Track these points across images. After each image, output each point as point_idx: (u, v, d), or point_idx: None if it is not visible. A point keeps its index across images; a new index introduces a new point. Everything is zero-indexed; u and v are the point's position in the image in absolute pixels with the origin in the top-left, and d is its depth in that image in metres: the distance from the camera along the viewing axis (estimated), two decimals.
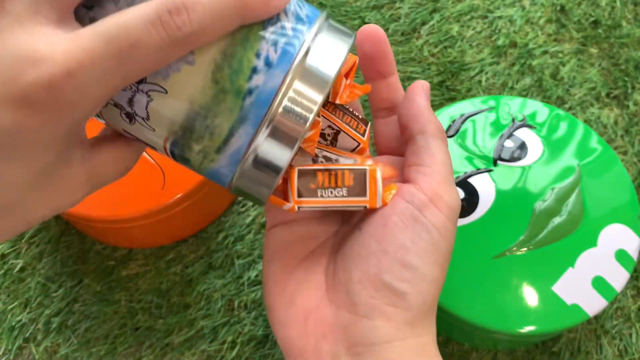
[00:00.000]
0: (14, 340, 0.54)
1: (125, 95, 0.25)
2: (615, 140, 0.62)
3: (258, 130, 0.25)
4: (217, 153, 0.26)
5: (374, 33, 0.34)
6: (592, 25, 0.70)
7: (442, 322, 0.49)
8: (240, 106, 0.24)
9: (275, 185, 0.26)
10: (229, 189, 0.28)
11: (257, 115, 0.24)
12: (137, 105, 0.25)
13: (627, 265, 0.46)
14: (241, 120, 0.25)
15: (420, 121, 0.33)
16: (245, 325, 0.54)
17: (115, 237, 0.56)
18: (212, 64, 0.24)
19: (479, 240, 0.47)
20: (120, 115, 0.26)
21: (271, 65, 0.24)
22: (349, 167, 0.33)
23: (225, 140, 0.25)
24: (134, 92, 0.25)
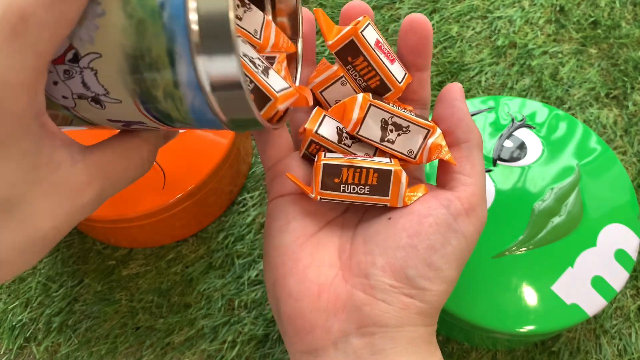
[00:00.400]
0: (15, 339, 0.54)
1: (77, 81, 0.24)
2: (614, 140, 0.63)
3: (190, 36, 0.23)
4: (176, 87, 0.24)
5: (423, 26, 0.35)
6: (592, 25, 0.70)
7: (442, 322, 0.50)
8: (162, 25, 0.23)
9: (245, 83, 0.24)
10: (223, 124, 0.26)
11: (180, 22, 0.23)
12: (91, 84, 0.24)
13: (627, 265, 0.46)
14: (171, 38, 0.23)
15: (464, 128, 0.34)
16: (246, 325, 0.54)
17: (116, 237, 0.56)
18: (119, 3, 0.23)
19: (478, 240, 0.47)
20: (90, 104, 0.25)
21: None
22: (375, 166, 0.33)
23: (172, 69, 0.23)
24: (80, 73, 0.24)
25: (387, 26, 0.70)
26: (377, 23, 0.70)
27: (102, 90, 0.24)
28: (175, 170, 0.52)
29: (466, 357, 0.53)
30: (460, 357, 0.53)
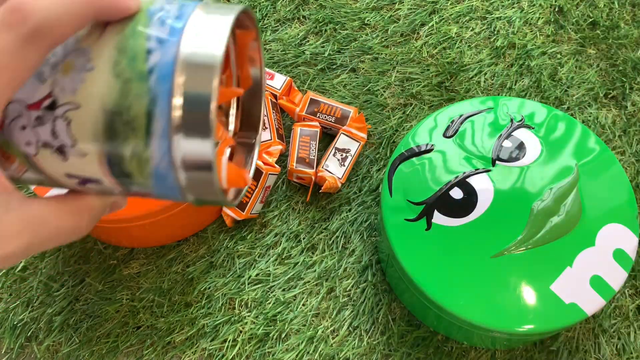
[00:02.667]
0: (16, 339, 0.55)
1: (46, 129, 0.25)
2: (613, 140, 0.63)
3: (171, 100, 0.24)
4: (146, 148, 0.25)
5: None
6: (590, 26, 0.70)
7: (441, 321, 0.50)
8: (147, 88, 0.24)
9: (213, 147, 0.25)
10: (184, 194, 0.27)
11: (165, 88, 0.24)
12: (60, 134, 0.25)
13: (625, 265, 0.46)
14: (153, 100, 0.24)
15: None
16: (246, 324, 0.54)
17: (117, 237, 0.57)
18: (110, 62, 0.24)
19: (477, 240, 0.47)
20: (53, 154, 0.26)
21: (163, 41, 0.25)
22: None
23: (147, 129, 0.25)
24: (53, 121, 0.25)
25: (387, 27, 0.70)
26: (377, 24, 0.70)
27: (70, 142, 0.25)
28: None
29: (465, 356, 0.53)
30: (460, 356, 0.53)
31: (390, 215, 0.49)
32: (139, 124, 0.24)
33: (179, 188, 0.26)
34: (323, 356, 0.53)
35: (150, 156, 0.25)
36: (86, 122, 0.25)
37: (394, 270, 0.51)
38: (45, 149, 0.25)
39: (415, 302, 0.51)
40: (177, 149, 0.25)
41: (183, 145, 0.25)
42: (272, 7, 0.70)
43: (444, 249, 0.47)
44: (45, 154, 0.26)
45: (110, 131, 0.25)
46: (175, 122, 0.24)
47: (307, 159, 0.59)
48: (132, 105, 0.24)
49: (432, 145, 0.51)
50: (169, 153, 0.25)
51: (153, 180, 0.26)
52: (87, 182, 0.27)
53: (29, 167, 0.27)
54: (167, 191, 0.27)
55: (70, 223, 0.28)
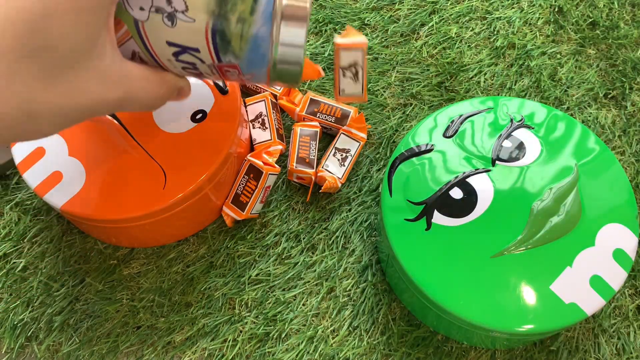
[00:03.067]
0: (16, 339, 0.55)
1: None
2: (613, 140, 0.63)
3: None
4: (252, 14, 0.29)
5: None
6: (590, 26, 0.70)
7: (441, 321, 0.50)
8: None
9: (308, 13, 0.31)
10: (271, 61, 0.31)
11: None
12: (175, 0, 0.28)
13: (625, 265, 0.46)
14: None
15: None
16: (246, 324, 0.55)
17: (117, 237, 0.57)
18: None
19: (477, 240, 0.47)
20: (163, 21, 0.29)
21: None
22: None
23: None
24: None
25: (387, 27, 0.70)
26: (377, 24, 0.70)
27: (183, 7, 0.29)
28: (176, 170, 0.52)
29: (465, 356, 0.53)
30: (460, 356, 0.53)
31: (390, 215, 0.49)
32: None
33: (268, 54, 0.31)
34: (323, 356, 0.53)
35: (254, 20, 0.29)
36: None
37: (393, 270, 0.51)
38: (157, 14, 0.29)
39: (415, 302, 0.51)
40: (278, 12, 0.29)
41: (284, 7, 0.29)
42: None
43: (443, 249, 0.47)
44: (155, 19, 0.29)
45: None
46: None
47: (307, 159, 0.59)
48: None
49: (432, 145, 0.51)
50: (271, 17, 0.29)
51: (249, 45, 0.30)
52: (185, 51, 0.31)
53: (134, 34, 0.30)
54: (256, 60, 0.31)
55: (154, 88, 0.33)
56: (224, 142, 0.53)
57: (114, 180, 0.52)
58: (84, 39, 0.27)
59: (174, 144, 0.53)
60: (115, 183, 0.52)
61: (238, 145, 0.56)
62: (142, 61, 0.32)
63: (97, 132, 0.54)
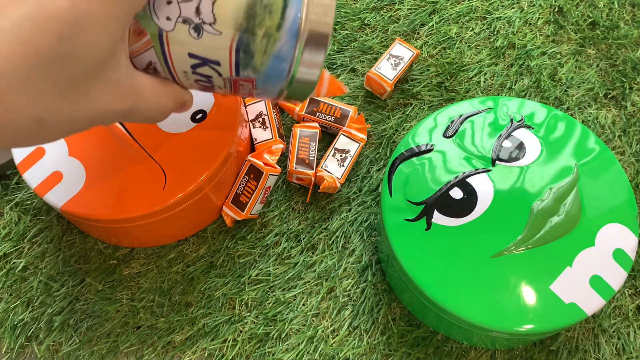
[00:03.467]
0: (17, 338, 0.55)
1: (191, 6, 0.29)
2: (612, 140, 0.63)
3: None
4: (278, 30, 0.30)
5: None
6: (590, 26, 0.70)
7: (441, 321, 0.50)
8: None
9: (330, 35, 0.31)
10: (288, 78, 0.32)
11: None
12: (204, 11, 0.29)
13: (625, 265, 0.46)
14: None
15: None
16: (246, 324, 0.55)
17: (117, 237, 0.57)
18: None
19: (477, 240, 0.47)
20: (189, 32, 0.29)
21: None
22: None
23: (282, 14, 0.30)
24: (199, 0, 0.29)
25: (387, 27, 0.70)
26: (377, 24, 0.70)
27: (211, 19, 0.29)
28: (175, 170, 0.52)
29: (465, 356, 0.53)
30: (459, 356, 0.53)
31: (390, 215, 0.49)
32: (276, 8, 0.30)
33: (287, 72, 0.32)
34: (323, 356, 0.53)
35: (280, 36, 0.30)
36: (230, 3, 0.29)
37: (394, 270, 0.51)
38: (184, 24, 0.29)
39: (415, 302, 0.51)
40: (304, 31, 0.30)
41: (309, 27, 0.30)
42: None
43: (443, 249, 0.47)
44: (181, 30, 0.30)
45: (249, 12, 0.29)
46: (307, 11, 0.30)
47: (307, 160, 0.59)
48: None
49: (432, 145, 0.51)
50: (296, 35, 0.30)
51: (271, 61, 0.31)
52: (204, 64, 0.32)
53: (155, 44, 0.31)
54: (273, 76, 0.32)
55: (161, 102, 0.33)
56: (224, 142, 0.53)
57: (114, 180, 0.52)
58: (106, 48, 0.27)
59: (174, 144, 0.53)
60: (115, 183, 0.52)
61: (238, 145, 0.56)
62: (155, 71, 0.32)
63: (97, 132, 0.54)
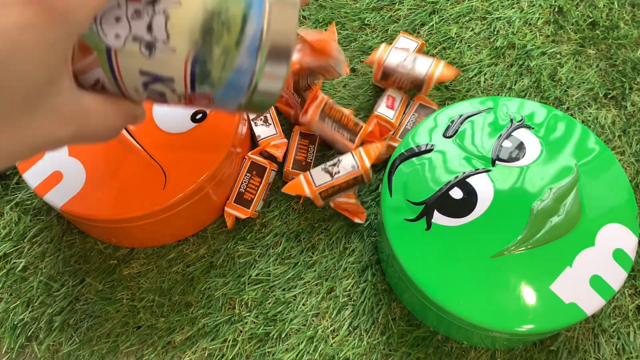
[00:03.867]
0: (17, 338, 0.55)
1: (143, 23, 0.27)
2: (612, 140, 0.63)
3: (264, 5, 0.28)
4: (237, 46, 0.28)
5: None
6: (590, 26, 0.70)
7: (441, 321, 0.50)
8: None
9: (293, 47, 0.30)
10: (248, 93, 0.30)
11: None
12: (157, 28, 0.27)
13: (625, 265, 0.46)
14: (249, 5, 0.28)
15: None
16: (246, 324, 0.55)
17: (117, 237, 0.57)
18: None
19: (477, 240, 0.47)
20: (140, 50, 0.28)
21: None
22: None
23: (241, 30, 0.28)
24: (151, 16, 0.27)
25: (387, 27, 0.70)
26: (377, 24, 0.70)
27: (164, 36, 0.27)
28: (176, 170, 0.52)
29: (465, 356, 0.53)
30: (459, 356, 0.53)
31: (390, 215, 0.49)
32: (235, 24, 0.28)
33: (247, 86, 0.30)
34: (323, 356, 0.53)
35: (239, 53, 0.29)
36: (185, 19, 0.27)
37: (394, 270, 0.51)
38: (134, 42, 0.27)
39: (415, 302, 0.52)
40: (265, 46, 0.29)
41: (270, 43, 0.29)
42: None
43: (443, 249, 0.47)
44: (131, 47, 0.28)
45: (206, 29, 0.28)
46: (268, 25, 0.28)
47: (304, 162, 0.59)
48: (230, 8, 0.28)
49: (432, 146, 0.51)
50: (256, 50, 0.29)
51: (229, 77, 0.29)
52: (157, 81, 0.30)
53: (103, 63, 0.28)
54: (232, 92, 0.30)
55: (108, 122, 0.30)
56: (224, 141, 0.53)
57: (114, 180, 0.52)
58: (42, 77, 0.25)
59: (174, 144, 0.53)
60: (115, 183, 0.52)
61: (238, 145, 0.56)
62: (103, 89, 0.30)
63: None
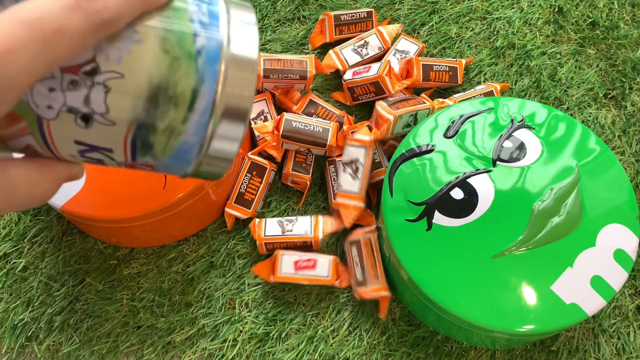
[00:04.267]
0: (17, 338, 0.55)
1: (79, 95, 0.25)
2: (613, 140, 0.63)
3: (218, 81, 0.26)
4: (184, 123, 0.26)
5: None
6: (590, 26, 0.70)
7: (442, 321, 0.50)
8: (195, 68, 0.25)
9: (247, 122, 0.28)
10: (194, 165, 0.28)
11: (212, 70, 0.26)
12: (95, 101, 0.25)
13: (626, 265, 0.46)
14: (200, 80, 0.26)
15: None
16: (246, 324, 0.54)
17: (117, 237, 0.57)
18: (157, 37, 0.25)
19: (478, 240, 0.47)
20: (75, 121, 0.25)
21: (206, 25, 0.26)
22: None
23: (190, 106, 0.26)
24: (90, 87, 0.24)
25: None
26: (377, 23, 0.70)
27: (103, 109, 0.25)
28: None
29: (465, 356, 0.53)
30: (459, 356, 0.53)
31: (391, 215, 0.49)
32: (183, 99, 0.26)
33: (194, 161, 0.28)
34: (323, 356, 0.53)
35: (185, 130, 0.26)
36: (128, 92, 0.25)
37: (394, 270, 0.51)
38: (69, 114, 0.25)
39: (415, 302, 0.52)
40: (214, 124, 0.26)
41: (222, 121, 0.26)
42: (272, 7, 0.70)
43: (444, 249, 0.47)
44: (65, 119, 0.25)
45: (151, 103, 0.25)
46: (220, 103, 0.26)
47: (304, 164, 0.59)
48: (180, 82, 0.25)
49: (433, 146, 0.51)
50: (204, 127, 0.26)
51: (174, 152, 0.27)
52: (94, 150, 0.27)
53: (34, 131, 0.26)
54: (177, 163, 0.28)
55: (40, 189, 0.28)
56: None
57: (114, 180, 0.52)
58: None
59: None
60: (115, 183, 0.52)
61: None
62: (35, 152, 0.28)
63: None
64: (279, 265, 0.54)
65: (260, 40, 0.68)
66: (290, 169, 0.58)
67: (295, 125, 0.56)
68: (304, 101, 0.61)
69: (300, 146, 0.57)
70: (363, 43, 0.64)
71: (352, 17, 0.66)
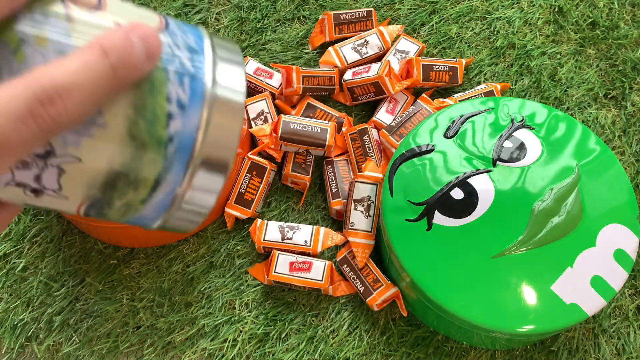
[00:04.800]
0: (17, 339, 0.55)
1: (29, 173, 0.22)
2: (613, 140, 0.63)
3: (186, 174, 0.24)
4: (142, 204, 0.24)
5: None
6: (590, 26, 0.70)
7: (441, 321, 0.50)
8: (164, 156, 0.23)
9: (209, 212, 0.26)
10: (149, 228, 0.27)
11: (182, 160, 0.23)
12: (47, 180, 0.23)
13: (626, 265, 0.46)
14: (167, 169, 0.23)
15: None
16: (246, 324, 0.54)
17: (117, 237, 0.57)
18: (125, 120, 0.22)
19: (478, 240, 0.47)
20: (24, 193, 0.23)
21: (184, 106, 0.23)
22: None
23: (151, 192, 0.24)
24: (42, 169, 0.22)
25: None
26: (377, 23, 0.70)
27: (55, 186, 0.23)
28: None
29: (465, 356, 0.53)
30: (459, 356, 0.53)
31: (391, 215, 0.49)
32: (145, 185, 0.24)
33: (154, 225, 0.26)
34: (323, 356, 0.53)
35: (144, 209, 0.25)
36: (84, 176, 0.23)
37: (394, 270, 0.51)
38: (17, 187, 0.23)
39: (415, 302, 0.52)
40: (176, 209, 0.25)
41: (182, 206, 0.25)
42: (272, 7, 0.70)
43: (444, 249, 0.47)
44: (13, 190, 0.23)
45: (108, 186, 0.23)
46: (183, 194, 0.24)
47: (304, 165, 0.59)
48: (142, 170, 0.23)
49: (433, 146, 0.51)
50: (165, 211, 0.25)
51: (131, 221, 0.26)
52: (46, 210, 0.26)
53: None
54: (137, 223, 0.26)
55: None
56: None
57: None
58: None
59: None
60: None
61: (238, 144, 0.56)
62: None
63: None
64: (274, 264, 0.54)
65: (260, 40, 0.68)
66: (290, 169, 0.58)
67: (293, 126, 0.56)
68: (302, 105, 0.61)
69: (299, 147, 0.57)
70: (363, 42, 0.64)
71: (352, 17, 0.66)
